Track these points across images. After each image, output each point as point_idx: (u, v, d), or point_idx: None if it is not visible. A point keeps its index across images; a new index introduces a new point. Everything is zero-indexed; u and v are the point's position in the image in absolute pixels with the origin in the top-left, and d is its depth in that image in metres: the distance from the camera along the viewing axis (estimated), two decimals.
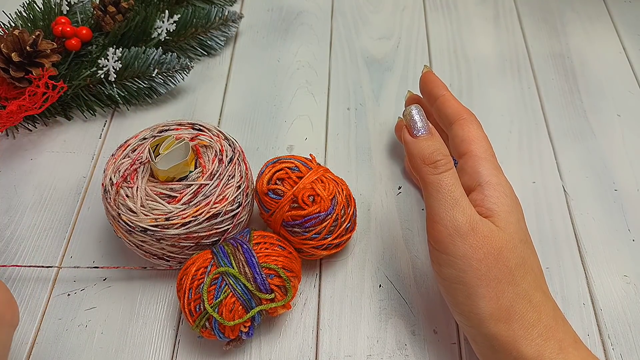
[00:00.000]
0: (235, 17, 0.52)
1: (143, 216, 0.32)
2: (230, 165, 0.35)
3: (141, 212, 0.32)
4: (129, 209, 0.33)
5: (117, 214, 0.33)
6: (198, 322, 0.31)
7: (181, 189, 0.33)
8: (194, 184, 0.33)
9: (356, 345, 0.35)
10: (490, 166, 0.32)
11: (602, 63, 0.53)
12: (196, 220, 0.32)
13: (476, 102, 0.49)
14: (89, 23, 0.49)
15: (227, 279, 0.31)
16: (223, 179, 0.34)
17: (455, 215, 0.29)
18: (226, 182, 0.34)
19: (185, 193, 0.33)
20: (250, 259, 0.32)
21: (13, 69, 0.43)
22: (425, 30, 0.56)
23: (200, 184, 0.33)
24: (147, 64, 0.46)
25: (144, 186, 0.33)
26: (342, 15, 0.57)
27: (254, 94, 0.49)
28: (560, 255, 0.39)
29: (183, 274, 0.33)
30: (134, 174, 0.33)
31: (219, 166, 0.34)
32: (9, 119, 0.42)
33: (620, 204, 0.42)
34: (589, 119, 0.48)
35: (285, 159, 0.36)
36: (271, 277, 0.32)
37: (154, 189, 0.33)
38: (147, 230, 0.32)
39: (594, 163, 0.45)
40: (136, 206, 0.32)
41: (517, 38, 0.55)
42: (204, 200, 0.33)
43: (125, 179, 0.33)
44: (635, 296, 0.37)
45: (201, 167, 0.34)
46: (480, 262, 0.28)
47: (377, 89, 0.50)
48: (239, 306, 0.31)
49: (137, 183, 0.33)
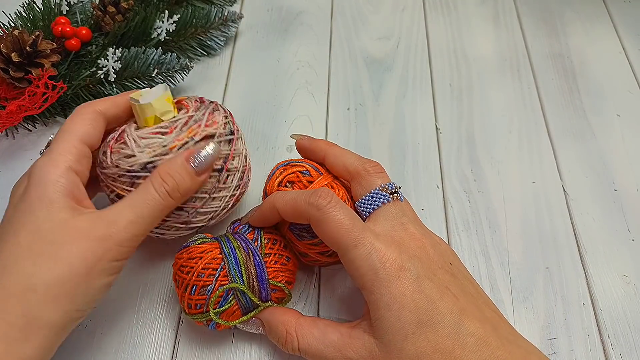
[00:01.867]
0: (235, 17, 0.52)
1: (140, 154, 0.32)
2: (212, 104, 0.35)
3: (138, 151, 0.32)
4: (126, 156, 0.32)
5: (116, 169, 0.32)
6: (195, 316, 0.32)
7: (171, 125, 0.33)
8: (182, 117, 0.33)
9: None
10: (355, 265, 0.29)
11: (602, 63, 0.53)
12: (192, 140, 0.32)
13: (476, 102, 0.49)
14: (88, 23, 0.49)
15: (236, 292, 0.32)
16: (208, 109, 0.34)
17: None
18: (212, 111, 0.34)
19: (175, 126, 0.33)
20: (261, 274, 0.32)
21: (13, 69, 0.43)
22: (425, 31, 0.56)
23: (188, 115, 0.34)
24: (146, 64, 0.46)
25: (134, 132, 0.33)
26: (341, 16, 0.57)
27: (254, 94, 0.49)
28: (560, 255, 0.39)
29: (187, 264, 0.32)
30: (123, 133, 0.33)
31: (201, 105, 0.35)
32: (8, 119, 0.42)
33: (620, 204, 0.42)
34: (588, 119, 0.48)
35: (297, 162, 0.35)
36: (275, 291, 0.33)
37: (145, 132, 0.33)
38: (147, 165, 0.32)
39: (594, 163, 0.45)
40: (132, 149, 0.32)
41: (516, 38, 0.55)
42: (195, 124, 0.33)
43: (116, 140, 0.33)
44: (635, 296, 0.37)
45: (185, 108, 0.35)
46: None
47: (376, 89, 0.50)
48: (239, 312, 0.32)
49: (125, 134, 0.33)
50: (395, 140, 0.46)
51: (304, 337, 0.30)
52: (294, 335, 0.30)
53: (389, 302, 0.27)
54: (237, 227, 0.34)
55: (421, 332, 0.27)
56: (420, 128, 0.47)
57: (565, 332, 0.36)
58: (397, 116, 0.48)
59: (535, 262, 0.39)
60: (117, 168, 0.32)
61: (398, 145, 0.46)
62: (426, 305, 0.27)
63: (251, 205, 0.41)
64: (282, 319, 0.31)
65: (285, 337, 0.31)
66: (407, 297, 0.27)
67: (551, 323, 0.36)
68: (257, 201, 0.42)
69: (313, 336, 0.30)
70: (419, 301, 0.27)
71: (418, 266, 0.28)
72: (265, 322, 0.32)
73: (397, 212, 0.31)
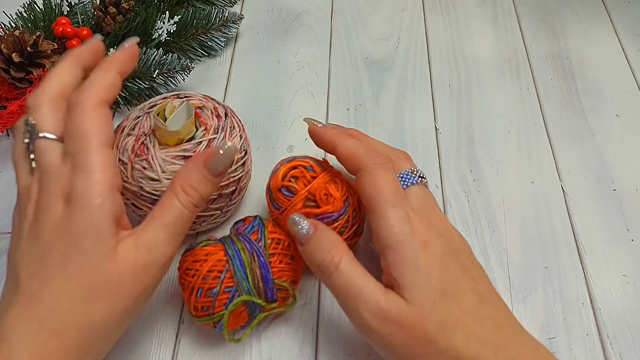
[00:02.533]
0: (235, 18, 0.53)
1: (166, 181, 0.33)
2: (228, 119, 0.36)
3: (163, 177, 0.33)
4: (150, 179, 0.33)
5: (138, 188, 0.33)
6: (202, 318, 0.32)
7: (193, 148, 0.34)
8: (203, 140, 0.34)
9: (356, 345, 0.35)
10: (389, 223, 0.29)
11: (601, 63, 0.53)
12: None
13: (475, 103, 0.49)
14: (89, 24, 0.49)
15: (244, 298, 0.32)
16: (226, 130, 0.35)
17: (360, 313, 0.28)
18: (230, 132, 0.35)
19: (198, 150, 0.34)
20: (266, 275, 0.32)
21: (14, 69, 0.43)
22: (425, 31, 0.56)
23: (209, 139, 0.34)
24: (147, 65, 0.46)
25: (158, 154, 0.33)
26: (341, 16, 0.57)
27: (254, 95, 0.49)
28: (559, 255, 0.39)
29: (192, 267, 0.32)
30: (143, 147, 0.34)
31: (219, 121, 0.36)
32: (9, 119, 0.42)
33: (619, 204, 0.42)
34: (587, 119, 0.48)
35: (301, 158, 0.36)
36: (280, 291, 0.33)
37: (168, 154, 0.33)
38: None
39: (593, 163, 0.45)
40: (157, 173, 0.33)
41: (516, 38, 0.55)
42: None
43: (137, 154, 0.34)
44: (634, 296, 0.38)
45: (203, 125, 0.35)
46: (400, 346, 0.28)
47: (376, 90, 0.50)
48: (245, 314, 0.32)
49: (149, 153, 0.34)
50: (395, 140, 0.46)
51: (348, 262, 0.29)
52: (340, 254, 0.29)
53: (417, 265, 0.28)
54: (241, 228, 0.34)
55: (446, 301, 0.28)
56: (419, 128, 0.47)
57: (565, 332, 0.36)
58: (396, 116, 0.48)
59: (535, 261, 0.39)
60: (139, 187, 0.33)
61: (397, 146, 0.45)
62: (450, 279, 0.28)
63: (251, 205, 0.42)
64: (331, 236, 0.30)
65: (330, 253, 0.29)
66: (433, 267, 0.28)
67: (550, 323, 0.36)
68: (258, 201, 0.42)
69: (356, 265, 0.29)
70: (444, 274, 0.28)
71: (444, 244, 0.30)
72: (315, 228, 0.31)
73: (426, 194, 0.33)
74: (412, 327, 0.27)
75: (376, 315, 0.28)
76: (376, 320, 0.28)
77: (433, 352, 0.27)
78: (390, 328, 0.27)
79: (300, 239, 0.31)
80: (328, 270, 0.29)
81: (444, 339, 0.27)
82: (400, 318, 0.27)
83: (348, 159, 0.32)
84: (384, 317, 0.28)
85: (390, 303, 0.28)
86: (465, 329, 0.27)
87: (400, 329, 0.27)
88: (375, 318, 0.28)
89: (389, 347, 0.28)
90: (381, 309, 0.28)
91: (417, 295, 0.28)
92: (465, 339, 0.27)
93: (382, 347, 0.29)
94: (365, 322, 0.28)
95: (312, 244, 0.30)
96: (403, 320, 0.27)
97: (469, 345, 0.27)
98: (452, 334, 0.27)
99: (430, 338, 0.27)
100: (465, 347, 0.27)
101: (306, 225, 0.31)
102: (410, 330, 0.27)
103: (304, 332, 0.35)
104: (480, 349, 0.27)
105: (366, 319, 0.28)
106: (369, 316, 0.28)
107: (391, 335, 0.28)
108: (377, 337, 0.28)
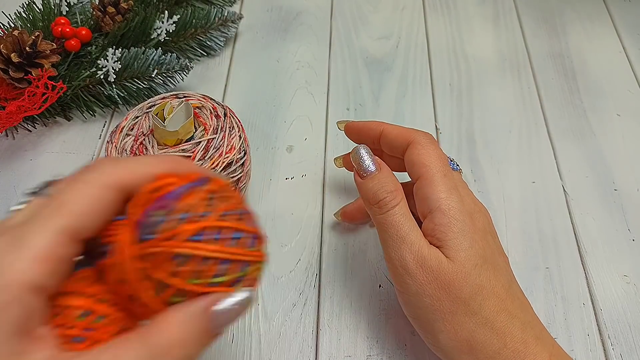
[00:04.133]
0: (234, 17, 0.52)
1: None
2: (227, 119, 0.36)
3: None
4: None
5: None
6: None
7: (192, 148, 0.34)
8: (202, 140, 0.34)
9: (356, 345, 0.35)
10: (440, 189, 0.30)
11: (602, 62, 0.53)
12: (215, 172, 0.34)
13: (476, 102, 0.49)
14: (88, 24, 0.49)
15: None
16: (226, 130, 0.35)
17: (402, 254, 0.29)
18: (229, 133, 0.35)
19: (197, 150, 0.34)
20: None
21: (12, 69, 0.43)
22: (425, 30, 0.56)
23: (208, 139, 0.35)
24: (146, 65, 0.46)
25: (157, 154, 0.34)
26: (341, 16, 0.57)
27: (254, 95, 0.49)
28: (560, 255, 0.39)
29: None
30: (141, 147, 0.34)
31: (217, 121, 0.36)
32: (8, 119, 0.42)
33: (620, 204, 0.42)
34: (588, 119, 0.48)
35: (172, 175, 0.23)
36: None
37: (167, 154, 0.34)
38: None
39: (594, 163, 0.45)
40: None
41: (516, 38, 0.55)
42: (216, 153, 0.34)
43: (135, 154, 0.34)
44: (635, 296, 0.37)
45: (202, 125, 0.36)
46: (431, 297, 0.28)
47: (376, 89, 0.50)
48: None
49: (148, 153, 0.34)
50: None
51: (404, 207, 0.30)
52: (400, 198, 0.30)
53: (464, 230, 0.29)
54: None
55: (486, 267, 0.29)
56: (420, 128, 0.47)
57: (566, 332, 0.36)
58: (396, 116, 0.48)
59: (535, 262, 0.39)
60: None
61: None
62: (490, 252, 0.30)
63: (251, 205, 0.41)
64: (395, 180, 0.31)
65: (393, 193, 0.30)
66: (478, 236, 0.30)
67: (551, 323, 0.36)
68: (257, 201, 0.42)
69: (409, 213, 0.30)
70: (485, 245, 0.30)
71: (485, 222, 0.31)
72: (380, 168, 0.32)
73: (462, 180, 0.33)
74: (448, 282, 0.28)
75: (417, 260, 0.29)
76: (415, 264, 0.28)
77: (462, 312, 0.28)
78: (427, 276, 0.28)
79: (363, 172, 0.32)
80: (386, 206, 0.30)
81: (477, 303, 0.28)
82: (439, 269, 0.28)
83: (399, 135, 0.34)
84: (423, 263, 0.28)
85: (432, 254, 0.29)
86: (498, 299, 0.28)
87: (436, 279, 0.28)
88: (416, 262, 0.29)
89: (419, 295, 0.29)
90: (422, 256, 0.28)
91: (460, 255, 0.28)
92: (496, 308, 0.28)
93: (413, 294, 0.29)
94: (405, 263, 0.29)
95: (376, 181, 0.31)
96: (441, 273, 0.28)
97: (499, 315, 0.28)
98: (485, 300, 0.28)
99: (463, 298, 0.28)
100: (495, 316, 0.28)
101: (371, 161, 0.32)
102: (445, 284, 0.28)
103: (303, 333, 0.35)
104: (509, 322, 0.28)
105: (407, 260, 0.29)
106: (410, 258, 0.29)
107: (426, 283, 0.28)
108: (412, 282, 0.29)
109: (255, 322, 0.35)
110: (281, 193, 0.42)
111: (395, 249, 0.29)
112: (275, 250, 0.39)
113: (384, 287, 0.37)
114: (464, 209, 0.30)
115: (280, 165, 0.44)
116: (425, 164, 0.31)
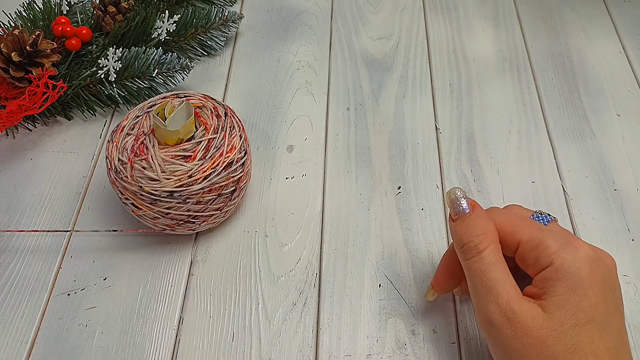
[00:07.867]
0: (235, 17, 0.52)
1: (166, 181, 0.33)
2: (227, 118, 0.36)
3: (163, 177, 0.33)
4: (150, 179, 0.33)
5: (138, 188, 0.34)
6: None
7: (193, 147, 0.34)
8: (203, 140, 0.35)
9: (356, 345, 0.35)
10: (549, 244, 0.28)
11: (602, 63, 0.53)
12: (215, 171, 0.34)
13: (476, 102, 0.49)
14: (89, 23, 0.49)
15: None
16: (226, 130, 0.36)
17: (487, 305, 0.27)
18: (230, 132, 0.36)
19: (197, 150, 0.34)
20: None
21: (13, 68, 0.43)
22: (425, 30, 0.56)
23: (209, 138, 0.35)
24: (147, 64, 0.46)
25: (158, 154, 0.34)
26: (341, 16, 0.57)
27: (254, 94, 0.49)
28: None
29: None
30: (142, 146, 0.34)
31: (218, 121, 0.36)
32: (8, 118, 0.42)
33: (619, 204, 0.42)
34: (588, 119, 0.48)
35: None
36: None
37: (168, 154, 0.34)
38: (173, 193, 0.33)
39: (594, 163, 0.45)
40: (157, 174, 0.33)
41: (516, 38, 0.55)
42: (217, 152, 0.34)
43: (136, 154, 0.34)
44: (634, 296, 0.37)
45: (203, 124, 0.36)
46: (517, 352, 0.27)
47: (376, 89, 0.50)
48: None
49: (149, 153, 0.34)
50: (395, 140, 0.46)
51: (493, 253, 0.28)
52: (488, 243, 0.28)
53: (575, 284, 0.27)
54: None
55: (590, 328, 0.26)
56: (420, 128, 0.47)
57: None
58: (396, 116, 0.48)
59: None
60: (139, 187, 0.34)
61: (398, 145, 0.46)
62: (603, 309, 0.27)
63: (251, 205, 0.41)
64: (485, 223, 0.30)
65: (479, 237, 0.29)
66: (592, 291, 0.27)
67: None
68: (258, 201, 0.42)
69: (499, 259, 0.28)
70: (600, 301, 0.27)
71: (605, 273, 0.28)
72: (473, 209, 0.30)
73: (563, 228, 0.31)
74: (540, 339, 0.26)
75: (504, 313, 0.27)
76: (502, 318, 0.27)
77: None
78: (514, 331, 0.27)
79: (455, 214, 0.30)
80: (470, 252, 0.29)
81: None
82: (531, 326, 0.26)
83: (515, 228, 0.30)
84: (512, 317, 0.27)
85: (524, 308, 0.27)
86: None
87: (525, 335, 0.26)
88: (502, 315, 0.27)
89: (504, 347, 0.27)
90: (512, 309, 0.27)
91: (561, 313, 0.26)
92: None
93: (497, 344, 0.28)
94: (489, 315, 0.27)
95: (464, 223, 0.30)
96: (533, 329, 0.26)
97: None
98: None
99: (555, 356, 0.26)
100: None
101: (465, 203, 0.30)
102: (536, 341, 0.26)
103: (303, 332, 0.35)
104: None
105: (492, 312, 0.27)
106: (495, 310, 0.27)
107: (514, 337, 0.27)
108: (496, 334, 0.27)
109: (256, 322, 0.36)
110: (281, 193, 0.42)
111: (481, 299, 0.28)
112: (275, 249, 0.39)
113: (384, 286, 0.37)
114: (580, 256, 0.28)
115: (281, 165, 0.44)
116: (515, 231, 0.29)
